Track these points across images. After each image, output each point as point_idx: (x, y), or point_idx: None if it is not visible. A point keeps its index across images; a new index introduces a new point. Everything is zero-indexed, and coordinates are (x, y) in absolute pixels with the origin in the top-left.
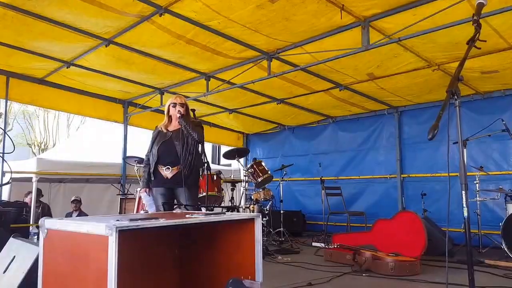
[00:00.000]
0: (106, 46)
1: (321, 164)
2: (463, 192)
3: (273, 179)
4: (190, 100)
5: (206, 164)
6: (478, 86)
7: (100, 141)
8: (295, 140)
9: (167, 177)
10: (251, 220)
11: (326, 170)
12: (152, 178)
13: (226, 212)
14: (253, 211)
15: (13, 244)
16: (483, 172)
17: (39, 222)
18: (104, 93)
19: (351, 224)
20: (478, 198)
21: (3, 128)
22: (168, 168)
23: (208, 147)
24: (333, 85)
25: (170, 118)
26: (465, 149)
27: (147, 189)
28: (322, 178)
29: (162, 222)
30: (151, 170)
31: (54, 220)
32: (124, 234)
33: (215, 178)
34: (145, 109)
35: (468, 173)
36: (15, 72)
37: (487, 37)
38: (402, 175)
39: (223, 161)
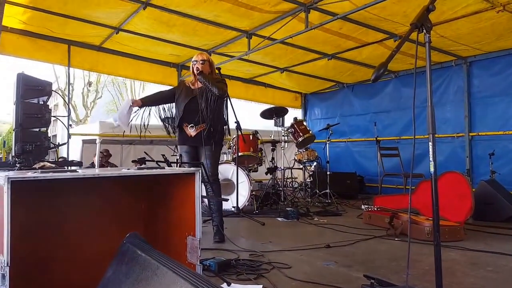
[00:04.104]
0: (144, 9)
1: (379, 124)
2: None
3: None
4: (235, 60)
5: (236, 124)
6: None
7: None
8: (355, 98)
9: (191, 135)
10: (191, 175)
11: (387, 129)
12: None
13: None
14: None
15: None
16: None
17: None
18: (157, 57)
19: (407, 187)
20: None
21: (64, 95)
22: (192, 127)
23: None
24: (386, 36)
25: (195, 76)
26: None
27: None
28: (378, 139)
29: (68, 174)
30: (176, 125)
31: None
32: (23, 185)
33: (251, 138)
34: None
35: None
36: (74, 40)
37: None
38: (471, 134)
39: (270, 122)
